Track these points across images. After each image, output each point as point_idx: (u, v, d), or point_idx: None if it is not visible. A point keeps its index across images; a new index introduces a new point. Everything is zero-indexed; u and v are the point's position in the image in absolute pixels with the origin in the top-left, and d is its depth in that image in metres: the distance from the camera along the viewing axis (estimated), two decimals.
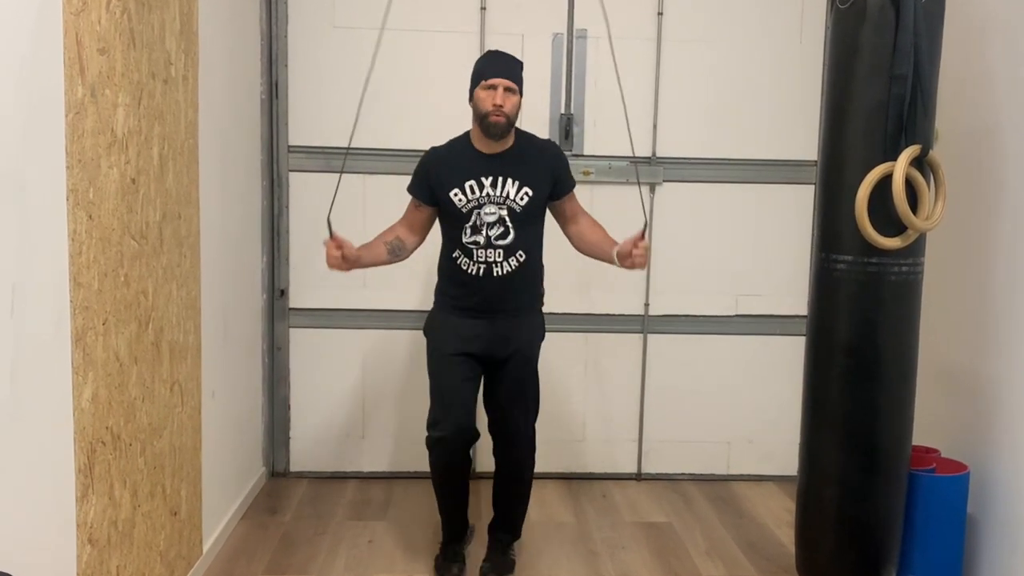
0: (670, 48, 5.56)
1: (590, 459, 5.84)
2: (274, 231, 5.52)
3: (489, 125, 4.12)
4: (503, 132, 4.15)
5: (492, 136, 4.16)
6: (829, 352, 3.98)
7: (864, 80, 3.78)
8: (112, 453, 3.22)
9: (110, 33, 3.10)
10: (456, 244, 4.25)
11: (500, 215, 4.19)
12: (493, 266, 4.21)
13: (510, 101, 4.13)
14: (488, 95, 4.11)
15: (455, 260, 4.26)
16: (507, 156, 4.24)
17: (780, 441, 5.79)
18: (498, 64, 4.22)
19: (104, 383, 3.13)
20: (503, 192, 4.19)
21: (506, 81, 4.13)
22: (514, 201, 4.19)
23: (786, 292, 5.74)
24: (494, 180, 4.20)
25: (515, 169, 4.22)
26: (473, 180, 4.20)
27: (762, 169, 5.65)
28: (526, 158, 4.27)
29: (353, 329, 5.65)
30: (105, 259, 3.10)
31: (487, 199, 4.19)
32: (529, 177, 4.23)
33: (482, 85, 4.14)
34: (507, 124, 4.14)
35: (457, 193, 4.19)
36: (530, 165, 4.25)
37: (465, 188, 4.19)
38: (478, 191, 4.19)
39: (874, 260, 3.81)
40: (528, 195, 4.20)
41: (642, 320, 5.73)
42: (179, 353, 3.89)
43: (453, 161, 4.28)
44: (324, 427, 5.73)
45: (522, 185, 4.20)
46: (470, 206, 4.18)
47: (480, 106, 4.14)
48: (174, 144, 3.75)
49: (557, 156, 4.39)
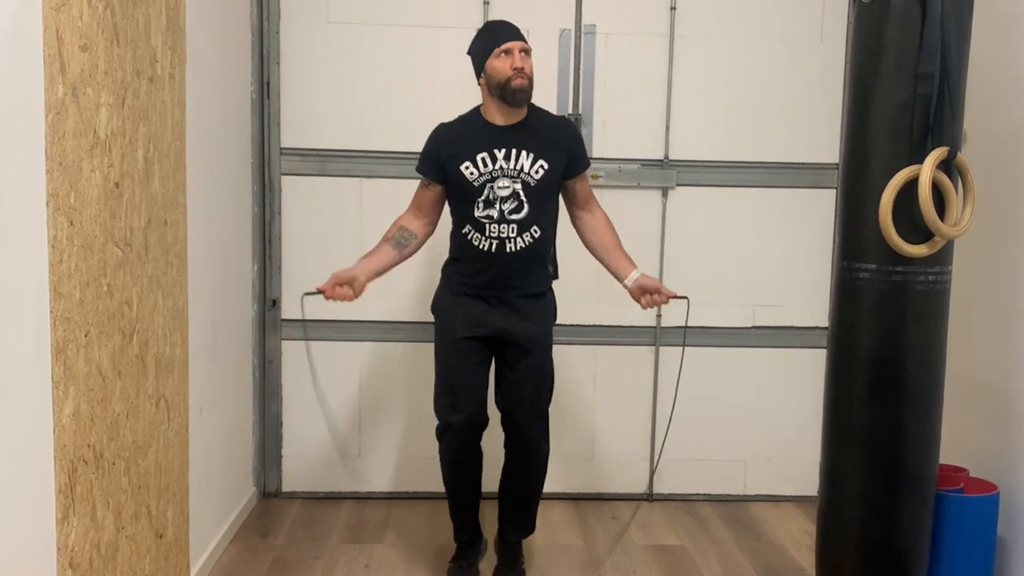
0: (683, 45, 5.55)
1: (599, 478, 5.83)
2: (265, 238, 5.52)
3: (514, 90, 4.17)
4: (528, 95, 4.22)
5: (517, 102, 4.21)
6: (851, 366, 3.98)
7: (888, 79, 3.78)
8: (94, 472, 3.21)
9: (92, 29, 3.10)
10: (467, 219, 4.30)
11: (514, 189, 4.24)
12: (506, 242, 4.26)
13: (528, 63, 4.20)
14: (506, 61, 4.17)
15: (466, 236, 4.31)
16: (521, 128, 4.30)
17: (800, 459, 5.77)
18: (505, 29, 4.29)
19: (86, 398, 3.12)
20: (517, 165, 4.24)
21: (520, 43, 4.21)
22: (528, 174, 4.24)
23: (806, 303, 5.73)
24: (507, 152, 4.25)
25: (529, 141, 4.28)
26: (485, 152, 4.25)
27: (781, 173, 5.65)
28: (541, 131, 4.33)
29: (349, 341, 5.64)
30: (87, 267, 3.10)
31: (500, 172, 4.24)
32: (544, 150, 4.28)
33: (495, 53, 4.20)
34: (530, 86, 4.21)
35: (468, 166, 4.25)
36: (545, 138, 4.31)
37: (477, 160, 4.25)
38: (491, 164, 4.24)
39: (899, 269, 3.81)
40: (544, 168, 4.26)
41: (654, 332, 5.72)
42: (165, 367, 3.88)
43: (464, 134, 4.34)
44: (318, 445, 5.72)
45: (537, 157, 4.26)
46: (482, 179, 4.24)
47: (499, 74, 4.19)
48: (160, 146, 3.75)
49: (573, 132, 4.49)
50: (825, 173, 5.63)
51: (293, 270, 5.55)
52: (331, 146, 5.47)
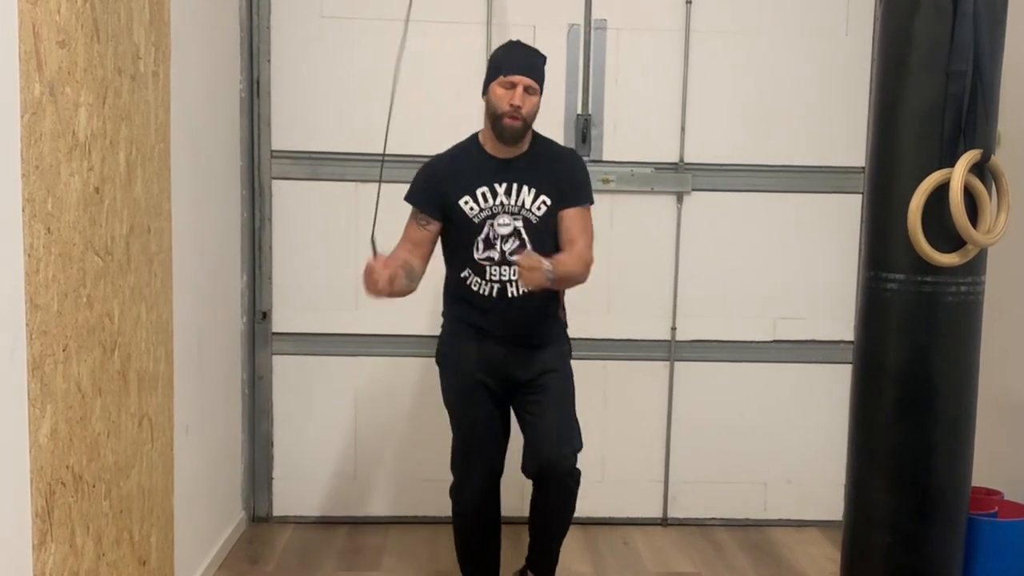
0: (699, 40, 5.55)
1: (610, 502, 5.81)
2: (255, 246, 5.52)
3: (503, 128, 4.09)
4: (518, 137, 4.13)
5: (505, 140, 4.13)
6: (878, 382, 3.98)
7: (918, 77, 3.78)
8: (73, 495, 3.21)
9: (71, 24, 3.10)
10: (466, 262, 4.21)
11: (515, 227, 4.16)
12: (508, 285, 4.17)
13: (529, 103, 4.09)
14: (506, 94, 4.07)
15: (464, 281, 4.23)
16: (522, 161, 4.22)
17: (823, 481, 5.76)
18: (519, 58, 4.16)
19: (64, 417, 3.12)
20: (518, 200, 4.17)
21: (527, 80, 4.08)
22: (530, 211, 4.17)
23: (830, 315, 5.72)
24: (508, 187, 4.17)
25: (531, 175, 4.19)
26: (486, 186, 4.17)
27: (803, 176, 5.64)
28: (542, 164, 4.24)
29: (344, 356, 5.63)
30: (65, 278, 3.10)
31: (501, 208, 4.16)
32: (546, 185, 4.19)
33: (499, 81, 4.09)
34: (523, 128, 4.11)
35: (468, 200, 4.16)
36: (546, 172, 4.22)
37: (477, 195, 4.16)
38: (491, 199, 4.16)
39: (929, 279, 3.81)
40: (546, 204, 4.18)
41: (668, 346, 5.71)
42: (148, 383, 3.88)
43: (462, 166, 4.24)
44: (311, 466, 5.71)
45: (539, 193, 4.18)
46: (483, 216, 4.16)
47: (495, 105, 4.09)
48: (143, 148, 3.75)
49: (574, 165, 4.34)
50: (850, 177, 5.62)
51: (284, 280, 5.55)
52: (325, 148, 5.46)
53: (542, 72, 4.17)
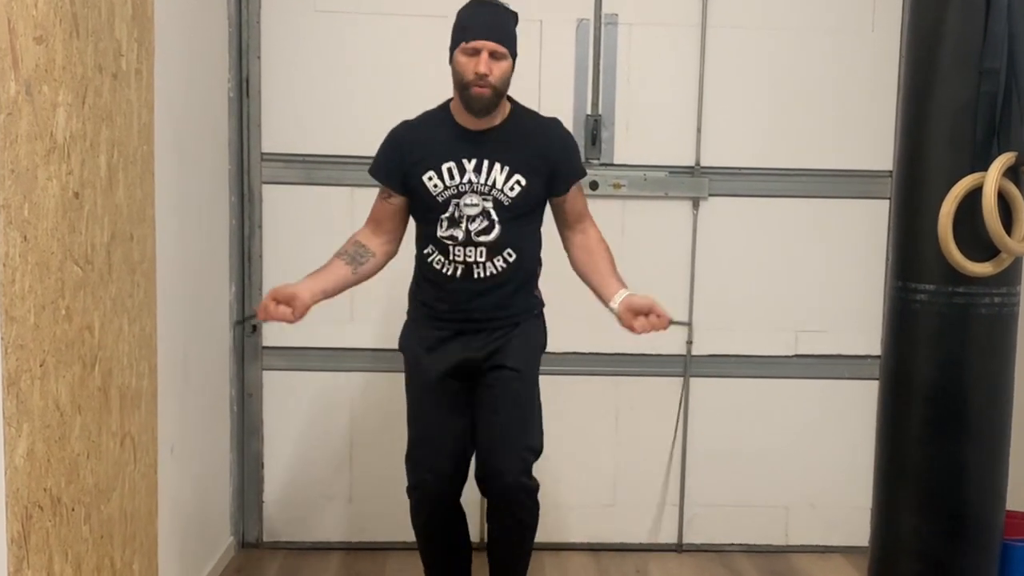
0: (717, 36, 5.55)
1: (622, 527, 5.81)
2: (244, 255, 5.52)
3: (470, 98, 3.99)
4: (487, 106, 4.02)
5: (473, 111, 4.03)
6: (907, 399, 3.97)
7: (948, 75, 3.78)
8: (51, 519, 3.21)
9: (49, 19, 3.11)
10: (429, 239, 4.16)
11: (484, 207, 4.09)
12: (473, 267, 4.11)
13: (498, 68, 3.96)
14: (469, 61, 3.95)
15: (427, 257, 4.18)
16: (497, 134, 4.13)
17: (848, 505, 5.76)
18: (483, 19, 4.03)
19: (42, 436, 3.12)
20: (488, 179, 4.08)
21: (492, 44, 3.95)
22: (502, 191, 4.08)
23: (855, 328, 5.72)
24: (478, 164, 4.08)
25: (505, 151, 4.10)
26: (452, 162, 4.09)
27: (826, 181, 5.64)
28: (520, 138, 4.14)
29: (339, 372, 5.63)
30: (43, 288, 3.10)
31: (468, 187, 4.07)
32: (521, 162, 4.10)
33: (462, 48, 3.98)
34: (493, 96, 4.00)
35: (432, 177, 4.10)
36: (524, 147, 4.13)
37: (443, 171, 4.09)
38: (458, 176, 4.08)
39: (960, 290, 3.81)
40: (520, 184, 4.09)
41: (684, 361, 5.71)
42: (131, 400, 3.88)
43: (429, 136, 4.17)
44: (304, 488, 5.72)
45: (513, 171, 4.08)
46: (447, 194, 4.10)
47: (460, 73, 4.00)
48: (125, 151, 3.76)
49: (559, 138, 4.24)
50: (876, 181, 5.62)
51: None
52: (318, 151, 5.47)
53: (512, 33, 4.06)
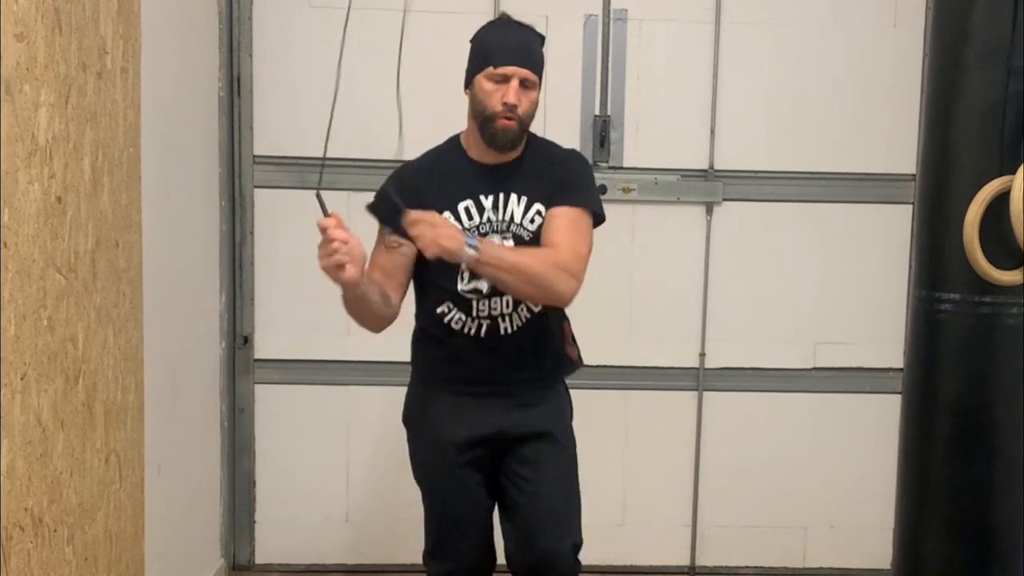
0: (731, 33, 5.56)
1: (632, 548, 5.81)
2: (235, 263, 5.53)
3: (496, 132, 3.69)
4: (513, 141, 3.75)
5: (498, 146, 3.74)
6: (931, 415, 3.97)
7: (975, 74, 3.78)
8: (33, 541, 3.21)
9: (30, 14, 3.10)
10: (445, 295, 3.82)
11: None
12: (499, 320, 3.80)
13: (527, 100, 3.69)
14: (496, 90, 3.66)
15: (442, 319, 3.85)
16: (514, 166, 3.84)
17: (870, 526, 5.75)
18: (512, 42, 3.74)
19: (22, 453, 3.12)
20: (506, 214, 3.79)
21: (524, 72, 3.68)
22: (521, 226, 3.78)
23: (877, 339, 5.71)
24: (496, 199, 3.79)
25: (522, 182, 3.81)
26: (470, 200, 3.79)
27: (846, 185, 5.64)
28: (538, 168, 3.85)
29: (335, 385, 5.63)
30: (24, 298, 3.10)
31: (489, 226, 3.77)
32: (540, 192, 3.79)
33: (488, 73, 3.69)
34: (520, 131, 3.73)
35: (449, 219, 3.72)
36: (542, 177, 3.83)
37: (460, 211, 3.78)
38: (477, 215, 3.78)
39: (987, 299, 3.80)
40: (540, 215, 3.77)
41: (696, 374, 5.71)
42: (116, 416, 3.88)
43: (442, 175, 3.87)
44: (298, 508, 5.72)
45: (531, 202, 3.79)
46: None
47: (483, 103, 3.70)
48: (110, 153, 3.75)
49: (574, 166, 3.93)
50: (899, 185, 5.62)
51: (268, 301, 5.56)
52: (313, 153, 5.44)
53: (541, 59, 3.79)
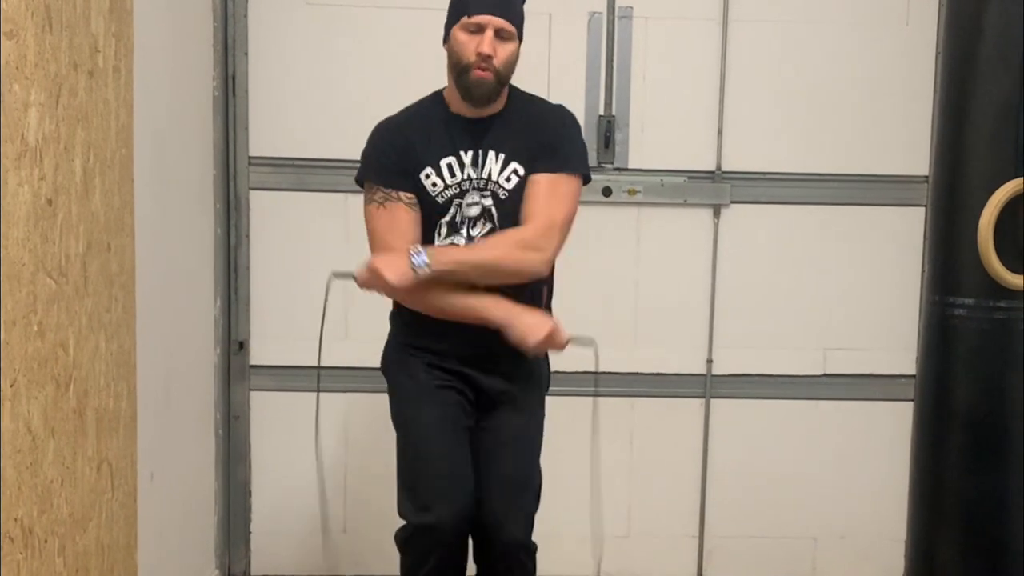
0: (739, 31, 5.55)
1: (637, 560, 5.80)
2: (230, 267, 5.52)
3: (470, 83, 3.73)
4: (488, 94, 3.78)
5: (472, 98, 3.78)
6: (945, 423, 3.96)
7: (990, 72, 3.77)
8: (22, 552, 3.20)
9: (19, 12, 3.10)
10: None
11: (483, 205, 3.84)
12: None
13: (503, 51, 3.72)
14: (471, 40, 3.70)
15: None
16: (496, 121, 3.88)
17: (882, 537, 5.74)
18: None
19: (12, 462, 3.11)
20: (484, 171, 3.85)
21: (499, 20, 3.70)
22: (498, 184, 3.84)
23: (889, 345, 5.70)
24: (475, 155, 3.84)
25: (501, 138, 3.85)
26: (452, 156, 3.85)
27: (857, 187, 5.63)
28: (520, 123, 3.89)
29: (333, 393, 5.57)
30: (13, 303, 3.09)
31: (469, 183, 3.83)
32: (519, 150, 3.84)
33: (463, 23, 3.72)
34: (496, 84, 3.76)
35: (431, 175, 3.85)
36: (522, 133, 3.87)
37: (442, 167, 3.85)
38: (459, 172, 3.84)
39: (1002, 304, 3.80)
40: (517, 175, 3.84)
41: (704, 381, 5.71)
42: (108, 424, 3.87)
43: (422, 128, 3.90)
44: (294, 518, 5.70)
45: (508, 159, 3.84)
46: (448, 194, 3.86)
47: (458, 53, 3.73)
48: (102, 154, 3.75)
49: (560, 122, 3.95)
50: (911, 187, 5.60)
51: (264, 306, 5.56)
52: (310, 154, 5.47)
53: (519, 10, 3.83)
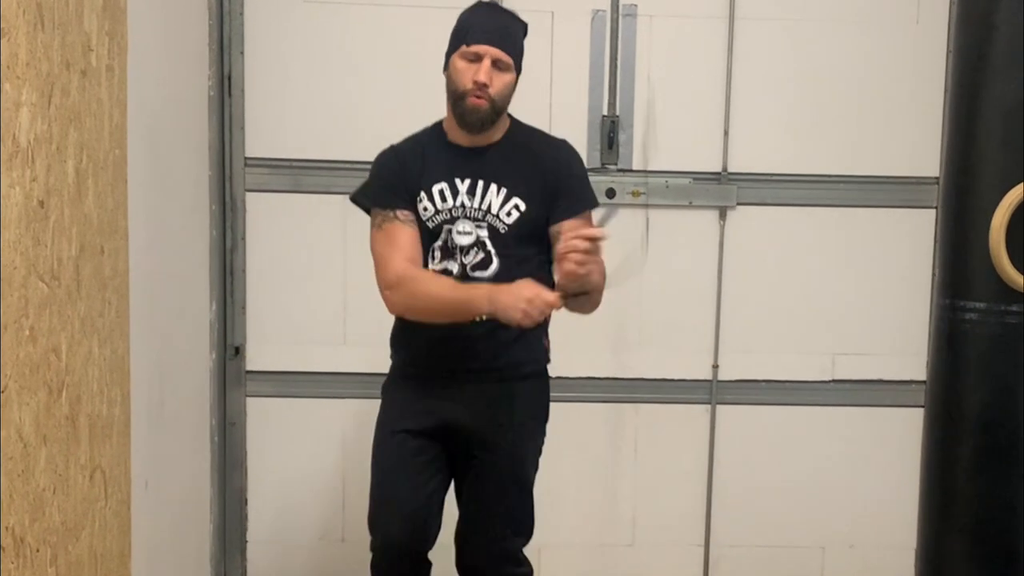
0: (745, 29, 5.55)
1: (642, 569, 5.78)
2: (226, 270, 5.51)
3: (465, 110, 3.84)
4: (483, 121, 3.87)
5: (469, 126, 3.89)
6: (956, 429, 3.96)
7: (1002, 71, 3.77)
8: (14, 561, 3.20)
9: (11, 10, 3.10)
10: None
11: (478, 236, 3.91)
12: None
13: (500, 81, 3.83)
14: (468, 68, 3.81)
15: None
16: (493, 152, 3.98)
17: (891, 546, 5.74)
18: (487, 23, 3.91)
19: (3, 470, 3.10)
20: (482, 203, 3.92)
21: (496, 51, 3.82)
22: (498, 217, 3.92)
23: (898, 350, 5.70)
24: (472, 185, 3.93)
25: (502, 171, 3.94)
26: (445, 182, 3.94)
27: (866, 189, 5.63)
28: (521, 156, 3.99)
29: (330, 399, 5.62)
30: (4, 307, 3.09)
31: (461, 211, 3.92)
32: (521, 184, 3.93)
33: (461, 52, 3.85)
34: (491, 112, 3.85)
35: (423, 199, 3.95)
36: (525, 167, 3.96)
37: (434, 193, 3.94)
38: (451, 198, 3.93)
39: (1014, 308, 3.79)
40: (518, 210, 3.91)
41: (710, 387, 5.70)
42: (102, 430, 3.87)
43: (420, 154, 4.02)
44: (291, 527, 5.71)
45: (511, 194, 3.92)
46: (438, 219, 3.94)
47: (456, 81, 3.86)
48: (95, 155, 3.75)
49: (565, 160, 4.07)
50: (922, 189, 5.61)
51: (260, 310, 5.55)
52: (308, 155, 5.47)
53: (520, 45, 3.94)
